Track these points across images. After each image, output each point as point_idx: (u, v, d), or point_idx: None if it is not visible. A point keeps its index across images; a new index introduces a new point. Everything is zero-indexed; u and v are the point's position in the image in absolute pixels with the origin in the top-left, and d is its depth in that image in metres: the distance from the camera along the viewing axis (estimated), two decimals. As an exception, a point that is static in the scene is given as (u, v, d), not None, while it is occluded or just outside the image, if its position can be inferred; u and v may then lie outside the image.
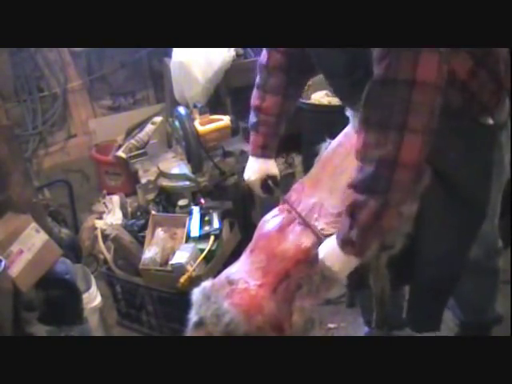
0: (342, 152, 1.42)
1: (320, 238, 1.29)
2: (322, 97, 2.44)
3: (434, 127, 1.08)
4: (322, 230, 1.31)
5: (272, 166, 1.61)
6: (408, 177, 1.10)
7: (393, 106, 1.06)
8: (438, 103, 1.07)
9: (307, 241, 1.31)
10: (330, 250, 1.22)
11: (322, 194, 1.37)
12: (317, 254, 1.26)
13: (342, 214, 1.20)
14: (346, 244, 1.18)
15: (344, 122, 1.54)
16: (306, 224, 1.33)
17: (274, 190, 1.59)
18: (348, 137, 1.45)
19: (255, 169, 1.60)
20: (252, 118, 1.57)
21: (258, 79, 1.56)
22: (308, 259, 1.29)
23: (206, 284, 1.32)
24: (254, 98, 1.56)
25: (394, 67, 1.05)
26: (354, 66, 1.22)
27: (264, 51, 1.54)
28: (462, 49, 1.16)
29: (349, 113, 1.48)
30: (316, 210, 1.35)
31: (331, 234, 1.27)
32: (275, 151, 1.62)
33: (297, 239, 1.32)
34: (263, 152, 1.58)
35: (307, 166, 2.60)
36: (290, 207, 1.39)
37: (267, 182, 1.59)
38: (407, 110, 1.05)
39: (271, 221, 1.39)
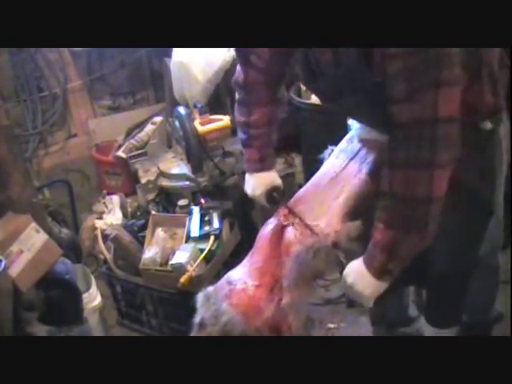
0: (343, 158, 1.42)
1: (316, 238, 1.30)
2: (322, 97, 2.44)
3: (457, 156, 1.10)
4: (316, 225, 1.32)
5: (274, 177, 1.54)
6: (440, 207, 1.13)
7: (421, 145, 1.08)
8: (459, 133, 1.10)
9: (298, 238, 1.31)
10: (360, 277, 1.22)
11: (321, 199, 1.38)
12: (296, 251, 1.27)
13: (373, 247, 1.20)
14: (382, 274, 1.20)
15: (343, 122, 1.54)
16: (303, 224, 1.34)
17: (280, 200, 1.51)
18: (350, 143, 1.45)
19: (257, 183, 1.52)
20: (241, 135, 1.49)
21: (237, 96, 1.48)
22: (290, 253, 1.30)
23: (209, 288, 1.33)
24: (239, 115, 1.47)
25: (416, 108, 1.06)
26: (355, 84, 1.20)
27: (238, 68, 1.45)
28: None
29: (351, 122, 1.47)
30: (315, 212, 1.36)
31: (328, 234, 1.28)
32: (274, 161, 1.55)
33: (292, 239, 1.33)
34: (262, 165, 1.50)
35: (307, 166, 2.62)
36: (289, 209, 1.39)
37: (272, 194, 1.52)
38: (435, 146, 1.07)
39: (270, 223, 1.39)
